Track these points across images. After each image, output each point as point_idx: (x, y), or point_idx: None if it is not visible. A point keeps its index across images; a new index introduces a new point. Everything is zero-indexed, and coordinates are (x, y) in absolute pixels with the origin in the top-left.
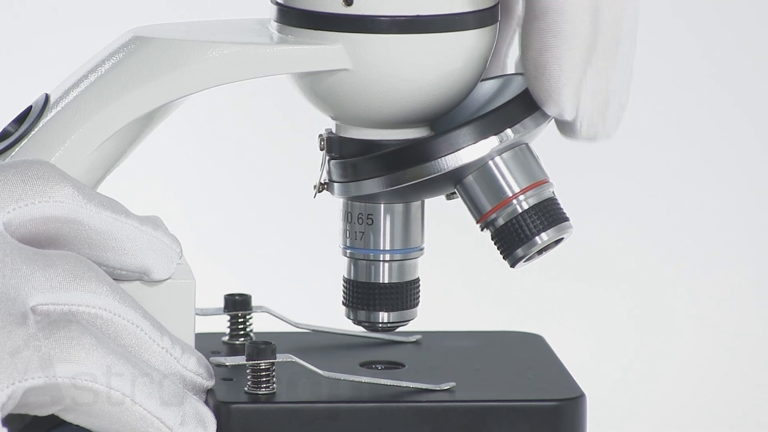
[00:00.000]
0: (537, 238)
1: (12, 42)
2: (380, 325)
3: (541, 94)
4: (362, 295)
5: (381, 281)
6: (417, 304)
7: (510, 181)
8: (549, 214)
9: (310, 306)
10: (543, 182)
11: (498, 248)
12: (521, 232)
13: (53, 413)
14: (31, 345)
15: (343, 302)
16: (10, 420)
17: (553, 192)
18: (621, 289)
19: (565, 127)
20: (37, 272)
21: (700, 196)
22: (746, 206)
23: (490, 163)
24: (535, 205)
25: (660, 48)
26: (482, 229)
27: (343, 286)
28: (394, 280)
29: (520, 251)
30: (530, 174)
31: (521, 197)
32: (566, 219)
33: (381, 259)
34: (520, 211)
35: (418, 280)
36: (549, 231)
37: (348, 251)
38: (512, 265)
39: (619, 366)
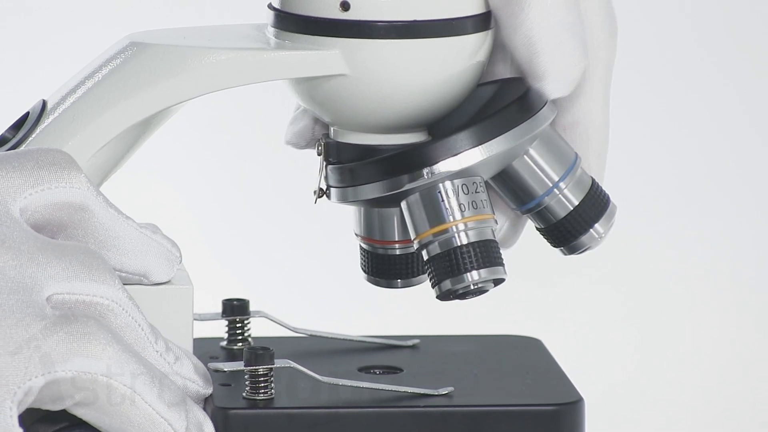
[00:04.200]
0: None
1: (8, 48)
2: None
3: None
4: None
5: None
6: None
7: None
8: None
9: (308, 310)
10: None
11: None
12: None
13: (65, 408)
14: (49, 339)
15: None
16: (22, 415)
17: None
18: (619, 293)
19: None
20: (53, 261)
21: (699, 200)
22: (747, 209)
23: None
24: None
25: (663, 49)
26: (418, 250)
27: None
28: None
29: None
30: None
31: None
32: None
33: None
34: (570, 204)
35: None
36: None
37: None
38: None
39: (617, 370)
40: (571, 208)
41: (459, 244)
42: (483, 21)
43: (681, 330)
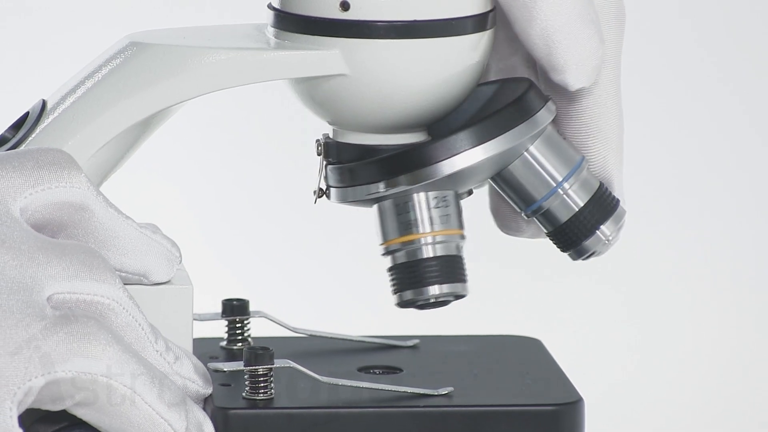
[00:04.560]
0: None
1: (8, 48)
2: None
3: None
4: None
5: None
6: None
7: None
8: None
9: (308, 310)
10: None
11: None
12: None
13: (65, 408)
14: (49, 339)
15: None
16: (22, 415)
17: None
18: (619, 293)
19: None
20: (54, 261)
21: (699, 200)
22: (747, 209)
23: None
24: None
25: (663, 48)
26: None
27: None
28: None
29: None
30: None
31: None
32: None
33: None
34: (575, 205)
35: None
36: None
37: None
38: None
39: (617, 370)
40: (576, 210)
41: (425, 257)
42: (483, 21)
43: (681, 330)
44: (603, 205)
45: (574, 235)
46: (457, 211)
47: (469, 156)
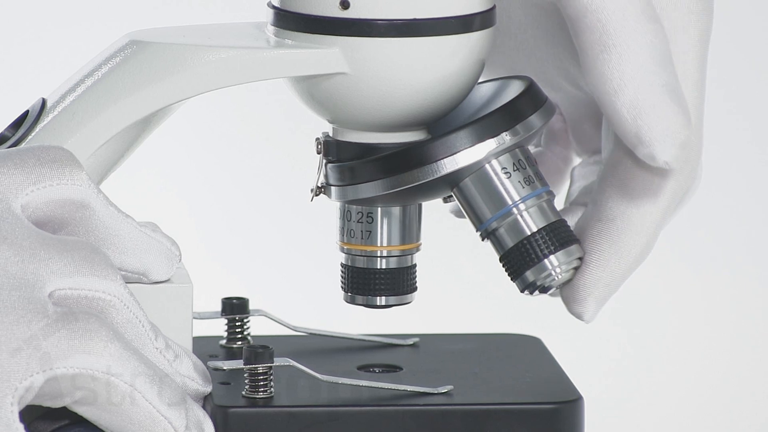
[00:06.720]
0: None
1: (8, 47)
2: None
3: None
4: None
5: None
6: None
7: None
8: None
9: (307, 309)
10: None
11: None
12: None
13: (66, 406)
14: (50, 336)
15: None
16: (23, 411)
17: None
18: (619, 292)
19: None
20: (55, 257)
21: (698, 200)
22: (744, 208)
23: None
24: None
25: None
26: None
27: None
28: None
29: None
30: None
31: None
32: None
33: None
34: (527, 229)
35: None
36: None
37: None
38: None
39: (616, 368)
40: (527, 234)
41: (379, 268)
42: (483, 19)
43: (681, 330)
44: (558, 235)
45: (522, 260)
46: (418, 224)
47: (469, 154)
